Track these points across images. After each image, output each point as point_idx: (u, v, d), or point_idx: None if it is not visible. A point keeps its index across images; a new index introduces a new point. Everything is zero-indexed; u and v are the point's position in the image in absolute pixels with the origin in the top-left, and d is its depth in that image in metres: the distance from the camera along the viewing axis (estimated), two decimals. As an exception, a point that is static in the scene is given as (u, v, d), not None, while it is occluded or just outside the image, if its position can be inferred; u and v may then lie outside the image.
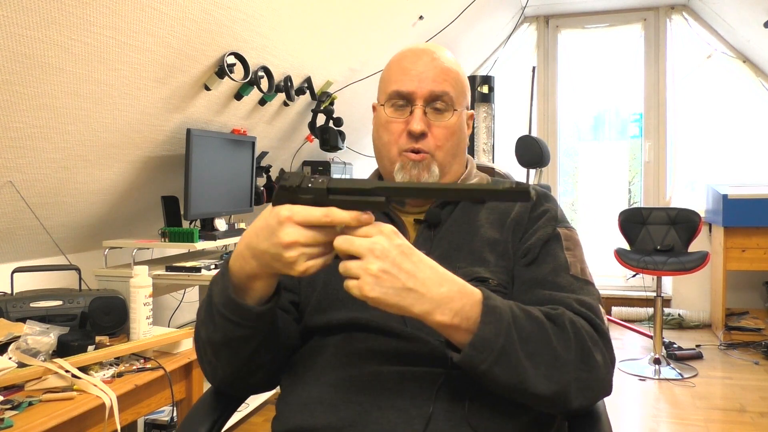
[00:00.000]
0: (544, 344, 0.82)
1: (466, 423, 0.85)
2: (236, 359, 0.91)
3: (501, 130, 4.43)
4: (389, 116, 1.04)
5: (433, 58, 1.04)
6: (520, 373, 0.80)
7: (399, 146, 1.03)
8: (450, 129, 1.04)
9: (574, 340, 0.84)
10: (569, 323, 0.85)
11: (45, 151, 1.84)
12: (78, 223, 2.22)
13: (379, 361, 0.91)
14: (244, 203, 2.76)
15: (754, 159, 4.37)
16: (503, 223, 1.02)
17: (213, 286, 0.88)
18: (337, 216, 0.75)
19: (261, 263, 0.80)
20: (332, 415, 0.87)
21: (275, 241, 0.76)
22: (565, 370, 0.82)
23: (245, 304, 0.83)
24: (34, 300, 1.71)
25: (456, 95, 1.04)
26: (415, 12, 3.21)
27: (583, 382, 0.84)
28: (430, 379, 0.87)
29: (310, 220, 0.75)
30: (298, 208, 0.76)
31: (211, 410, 1.03)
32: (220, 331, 0.87)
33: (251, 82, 2.41)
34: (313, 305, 1.00)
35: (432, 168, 1.03)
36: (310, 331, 0.99)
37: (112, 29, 1.71)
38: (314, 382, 0.92)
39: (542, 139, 4.07)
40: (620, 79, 4.68)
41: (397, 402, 0.86)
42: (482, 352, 0.79)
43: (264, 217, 0.79)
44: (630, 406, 3.00)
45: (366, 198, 0.76)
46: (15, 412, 1.30)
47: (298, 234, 0.75)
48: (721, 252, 3.90)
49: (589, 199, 4.89)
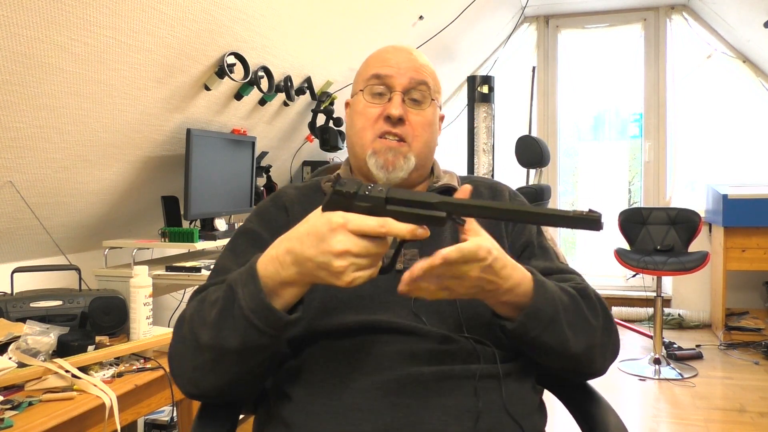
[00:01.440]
0: (579, 314, 0.92)
1: (506, 413, 0.89)
2: (238, 368, 0.86)
3: (501, 130, 4.42)
4: (367, 101, 1.03)
5: (411, 53, 1.06)
6: (562, 338, 0.89)
7: (374, 130, 1.01)
8: (427, 120, 1.04)
9: (600, 310, 0.96)
10: (594, 296, 0.97)
11: (45, 151, 1.84)
12: (78, 223, 2.22)
13: (414, 362, 0.89)
14: (244, 203, 2.76)
15: (754, 159, 4.37)
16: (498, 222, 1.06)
17: (238, 288, 0.81)
18: (393, 228, 0.73)
19: (302, 270, 0.76)
20: (377, 421, 0.84)
21: (325, 249, 0.73)
22: (594, 335, 0.94)
23: (278, 312, 0.79)
24: (34, 300, 1.71)
25: (433, 89, 1.05)
26: (415, 12, 3.21)
27: (604, 346, 0.96)
28: (466, 375, 0.89)
29: (365, 230, 0.72)
30: (352, 215, 0.74)
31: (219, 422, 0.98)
32: (239, 337, 0.81)
33: (251, 82, 2.41)
34: (316, 308, 0.95)
35: (408, 156, 1.01)
36: (315, 335, 0.95)
37: (112, 29, 1.71)
38: (343, 389, 0.88)
39: (542, 139, 4.08)
40: (620, 79, 4.68)
41: (443, 400, 0.86)
42: (534, 321, 0.87)
43: (312, 223, 0.76)
44: (630, 406, 3.00)
45: (426, 211, 0.74)
46: (15, 412, 1.30)
47: (351, 243, 0.72)
48: (721, 252, 3.90)
49: (589, 199, 4.88)
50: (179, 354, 0.90)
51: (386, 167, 1.00)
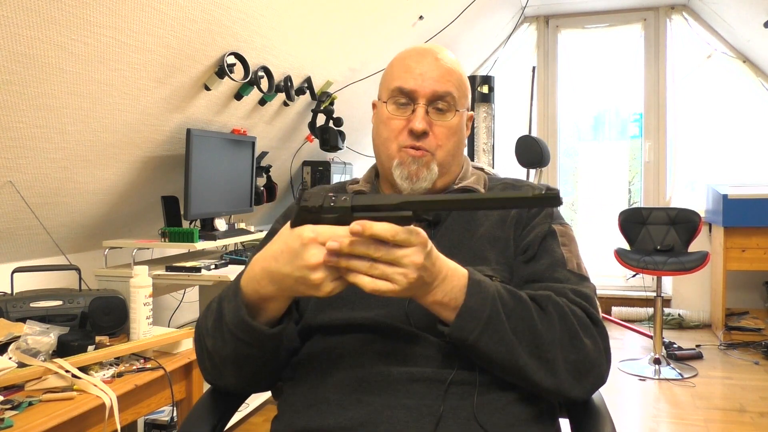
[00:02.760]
0: (526, 321, 0.85)
1: (474, 420, 0.86)
2: (242, 372, 0.93)
3: (501, 130, 4.43)
4: (390, 113, 1.03)
5: (436, 58, 1.03)
6: (508, 346, 0.84)
7: (399, 143, 1.02)
8: (451, 129, 1.03)
9: (558, 320, 0.87)
10: (553, 304, 0.88)
11: (45, 151, 1.84)
12: (78, 223, 2.22)
13: (388, 362, 0.91)
14: (244, 203, 2.76)
15: (754, 159, 4.37)
16: (505, 220, 1.03)
17: (224, 303, 0.88)
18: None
19: (281, 287, 0.79)
20: (341, 416, 0.87)
21: (300, 264, 0.75)
22: (549, 348, 0.86)
23: (258, 327, 0.83)
24: (34, 300, 1.71)
25: (458, 96, 1.04)
26: (415, 12, 3.21)
27: (571, 364, 0.87)
28: (439, 379, 0.88)
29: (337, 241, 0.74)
30: (321, 228, 0.75)
31: (210, 413, 1.02)
32: (229, 347, 0.88)
33: (251, 82, 2.41)
34: (313, 304, 0.99)
35: (431, 166, 1.02)
36: (310, 330, 0.99)
37: (112, 29, 1.71)
38: (320, 383, 0.92)
39: (542, 139, 4.07)
40: (620, 79, 4.68)
41: (407, 401, 0.87)
42: (469, 322, 0.82)
43: (283, 240, 0.78)
44: (630, 406, 3.00)
45: (393, 213, 0.76)
46: (15, 412, 1.30)
47: (323, 256, 0.74)
48: (721, 252, 3.90)
49: (589, 199, 4.89)
50: (199, 355, 0.97)
51: (410, 178, 1.01)
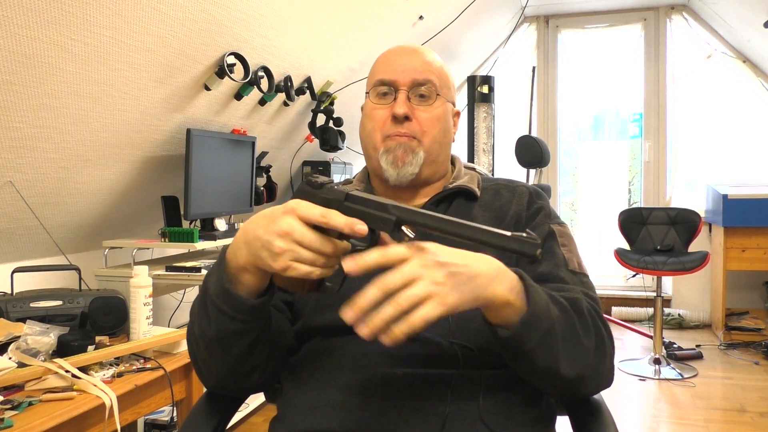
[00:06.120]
0: (571, 328, 0.83)
1: (480, 421, 0.86)
2: (229, 357, 0.89)
3: (501, 130, 4.43)
4: (373, 103, 1.04)
5: (416, 51, 1.06)
6: (555, 356, 0.81)
7: (383, 132, 1.02)
8: (435, 115, 1.03)
9: (593, 327, 0.87)
10: (587, 311, 0.87)
11: (45, 151, 1.84)
12: (78, 223, 2.22)
13: (392, 364, 0.90)
14: (244, 203, 2.76)
15: (754, 159, 4.37)
16: (502, 220, 1.02)
17: (208, 277, 0.86)
18: (333, 219, 0.74)
19: (250, 251, 0.78)
20: (347, 418, 0.86)
21: (271, 228, 0.75)
22: (586, 355, 0.84)
23: (239, 295, 0.82)
24: (34, 300, 1.71)
25: (440, 85, 1.04)
26: (415, 12, 3.21)
27: (595, 369, 0.86)
28: (443, 381, 0.88)
29: (309, 217, 0.74)
30: (304, 203, 0.76)
31: (210, 415, 1.00)
32: (213, 325, 0.85)
33: (251, 82, 2.41)
34: (312, 305, 0.99)
35: (417, 151, 1.01)
36: (310, 331, 0.98)
37: (112, 29, 1.71)
38: (323, 385, 0.91)
39: (542, 139, 4.08)
40: (620, 79, 4.68)
41: (413, 403, 0.86)
42: (531, 330, 0.78)
43: (273, 208, 0.79)
44: (630, 406, 2.99)
45: (377, 212, 0.75)
46: (15, 412, 1.30)
47: (295, 227, 0.74)
48: (721, 252, 3.90)
49: (589, 199, 4.89)
50: (190, 350, 0.95)
51: (395, 163, 1.01)
